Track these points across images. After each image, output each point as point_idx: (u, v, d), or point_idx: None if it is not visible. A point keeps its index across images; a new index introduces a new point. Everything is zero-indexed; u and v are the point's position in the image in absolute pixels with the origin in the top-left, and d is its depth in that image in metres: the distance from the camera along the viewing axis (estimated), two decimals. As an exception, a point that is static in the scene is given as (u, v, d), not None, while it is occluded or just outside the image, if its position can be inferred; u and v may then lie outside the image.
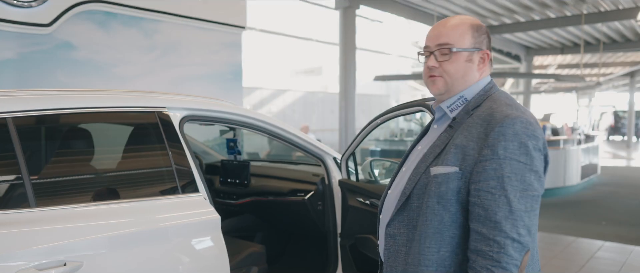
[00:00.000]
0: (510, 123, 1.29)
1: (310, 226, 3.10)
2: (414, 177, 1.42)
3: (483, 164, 1.28)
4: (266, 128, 2.72)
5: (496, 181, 1.26)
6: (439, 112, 1.51)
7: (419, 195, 1.39)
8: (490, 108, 1.37)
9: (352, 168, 2.93)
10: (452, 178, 1.32)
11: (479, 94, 1.45)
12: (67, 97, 2.09)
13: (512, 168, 1.26)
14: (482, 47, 1.46)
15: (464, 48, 1.43)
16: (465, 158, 1.32)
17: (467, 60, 1.44)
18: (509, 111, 1.33)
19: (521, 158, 1.27)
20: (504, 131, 1.28)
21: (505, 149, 1.27)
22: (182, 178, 2.21)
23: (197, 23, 5.52)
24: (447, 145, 1.38)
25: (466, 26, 1.45)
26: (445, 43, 1.43)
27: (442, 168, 1.34)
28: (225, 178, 3.41)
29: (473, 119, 1.38)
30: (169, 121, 2.27)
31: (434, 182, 1.35)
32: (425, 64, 1.48)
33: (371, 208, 2.56)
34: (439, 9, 10.54)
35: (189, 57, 5.52)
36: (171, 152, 2.20)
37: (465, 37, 1.44)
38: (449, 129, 1.42)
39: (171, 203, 2.13)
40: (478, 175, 1.29)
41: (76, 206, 1.89)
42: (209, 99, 2.62)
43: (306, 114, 12.45)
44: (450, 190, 1.32)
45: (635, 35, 13.43)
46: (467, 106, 1.44)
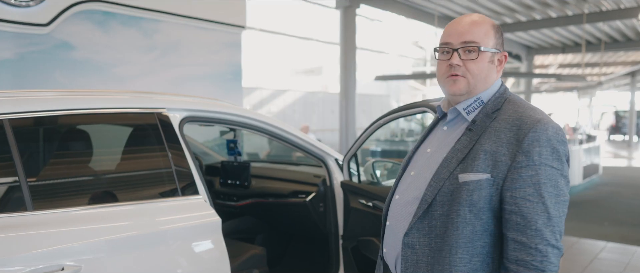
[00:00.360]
0: (543, 128, 1.27)
1: (312, 228, 3.06)
2: (435, 183, 1.36)
3: (518, 170, 1.25)
4: (267, 129, 2.69)
5: (533, 188, 1.23)
6: (452, 113, 1.46)
7: (443, 202, 1.34)
8: (515, 111, 1.34)
9: (354, 170, 2.89)
10: (485, 186, 1.28)
11: (495, 97, 1.41)
12: (65, 98, 2.06)
13: (547, 174, 1.24)
14: (501, 49, 1.44)
15: (489, 48, 1.39)
16: (496, 165, 1.28)
17: (490, 61, 1.41)
18: (537, 116, 1.30)
19: (554, 163, 1.25)
20: (538, 137, 1.26)
21: (539, 155, 1.25)
22: (182, 180, 2.17)
23: (197, 23, 5.49)
24: (472, 150, 1.33)
25: (489, 25, 1.41)
26: (471, 41, 1.38)
27: (474, 175, 1.29)
28: (226, 179, 3.37)
29: (499, 123, 1.34)
30: (168, 122, 2.23)
31: (464, 190, 1.30)
32: (445, 61, 1.42)
33: (374, 210, 2.53)
34: (440, 9, 10.51)
35: (188, 57, 5.49)
36: (171, 154, 2.17)
37: (489, 37, 1.40)
38: (469, 133, 1.38)
39: (171, 205, 2.10)
40: (513, 182, 1.26)
41: (74, 209, 1.85)
42: (209, 100, 2.59)
43: (306, 114, 12.42)
44: (483, 197, 1.28)
45: (636, 34, 13.39)
46: (485, 109, 1.40)
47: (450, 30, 1.42)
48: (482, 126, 1.36)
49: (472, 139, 1.35)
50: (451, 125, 1.47)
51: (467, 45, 1.37)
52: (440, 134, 1.49)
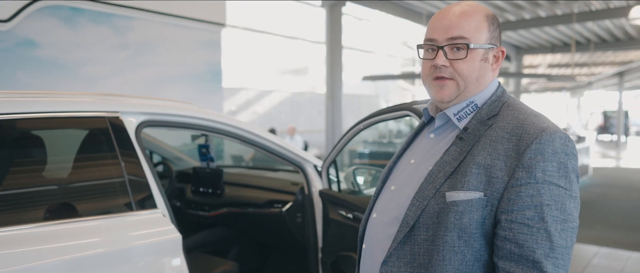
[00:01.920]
0: (548, 138, 1.04)
1: (289, 240, 2.83)
2: (418, 202, 1.13)
3: (517, 189, 1.03)
4: (237, 134, 2.46)
5: (534, 211, 1.01)
6: (440, 119, 1.23)
7: (427, 225, 1.11)
8: (515, 118, 1.11)
9: (334, 176, 2.67)
10: (477, 207, 1.06)
11: (491, 100, 1.19)
12: (3, 101, 1.81)
13: (552, 195, 1.02)
14: (497, 44, 1.20)
15: (481, 44, 1.16)
16: (491, 181, 1.06)
17: (483, 59, 1.17)
18: (542, 123, 1.08)
19: (561, 181, 1.03)
20: (543, 149, 1.03)
21: (543, 171, 1.02)
22: (137, 193, 1.93)
23: (173, 20, 5.23)
24: (463, 163, 1.11)
25: (481, 16, 1.17)
26: (459, 36, 1.15)
27: (464, 194, 1.07)
28: (197, 187, 3.13)
29: (495, 131, 1.11)
30: (121, 127, 1.99)
31: (453, 211, 1.07)
32: (430, 61, 1.19)
33: (354, 223, 2.30)
34: (428, 7, 10.32)
35: (164, 57, 5.22)
36: (124, 163, 1.93)
37: (481, 30, 1.16)
38: (460, 143, 1.15)
39: (123, 222, 1.86)
40: (511, 203, 1.03)
41: (6, 229, 1.61)
42: (172, 103, 2.35)
43: (293, 115, 12.18)
44: (474, 221, 1.06)
45: (625, 34, 13.35)
46: (479, 114, 1.17)
47: (435, 23, 1.19)
48: (475, 135, 1.14)
49: (463, 150, 1.13)
50: (439, 132, 1.24)
51: (455, 41, 1.15)
52: (426, 142, 1.26)
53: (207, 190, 3.07)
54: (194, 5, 5.37)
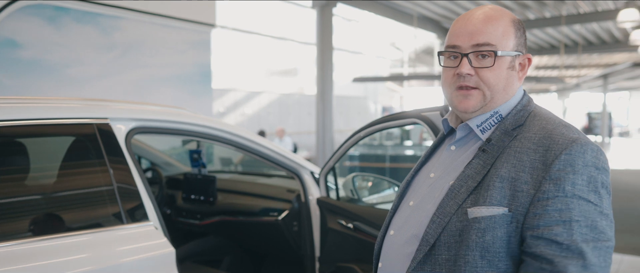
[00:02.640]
0: (579, 150, 0.97)
1: (285, 249, 2.74)
2: (439, 219, 1.05)
3: (544, 203, 0.95)
4: (232, 140, 2.36)
5: (563, 228, 0.93)
6: (462, 131, 1.15)
7: (449, 244, 1.03)
8: (543, 128, 1.04)
9: (331, 183, 2.58)
10: (500, 223, 0.98)
11: (516, 110, 1.11)
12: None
13: (581, 210, 0.94)
14: (523, 50, 1.13)
15: (508, 52, 1.08)
16: (515, 196, 0.98)
17: (510, 67, 1.10)
18: (572, 134, 1.00)
19: (591, 197, 0.95)
20: (573, 161, 0.96)
21: (573, 184, 0.95)
22: (128, 205, 1.82)
23: (162, 20, 5.09)
24: (487, 177, 1.03)
25: (508, 21, 1.10)
26: (486, 43, 1.07)
27: (486, 209, 0.99)
28: (188, 194, 3.01)
29: (521, 142, 1.04)
30: (111, 134, 1.88)
31: (475, 228, 1.00)
32: (452, 69, 1.11)
33: (355, 232, 2.21)
34: (418, 9, 10.30)
35: (153, 58, 5.08)
36: (114, 174, 1.81)
37: (509, 37, 1.09)
38: (483, 155, 1.07)
39: (113, 236, 1.74)
40: (538, 218, 0.95)
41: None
42: (164, 108, 2.23)
43: (282, 116, 12.06)
44: (498, 238, 0.98)
45: (611, 37, 13.49)
46: (503, 125, 1.09)
47: (459, 29, 1.11)
48: (499, 146, 1.06)
49: (487, 163, 1.05)
50: (460, 144, 1.16)
51: (481, 49, 1.07)
52: (447, 155, 1.18)
53: (199, 197, 2.96)
54: (183, 5, 5.24)
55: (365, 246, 2.15)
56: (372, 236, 2.10)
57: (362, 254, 2.19)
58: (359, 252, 2.21)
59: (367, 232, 2.13)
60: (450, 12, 10.81)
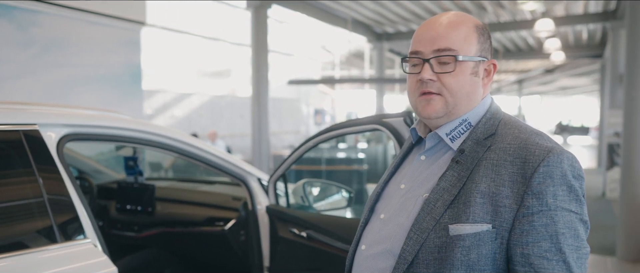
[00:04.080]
0: (556, 160, 0.96)
1: (232, 260, 2.61)
2: (416, 236, 1.02)
3: (529, 218, 0.95)
4: (175, 146, 2.21)
5: (550, 242, 0.94)
6: (431, 140, 1.12)
7: (428, 261, 1.00)
8: (516, 137, 1.02)
9: (281, 191, 2.49)
10: (485, 240, 0.96)
11: (486, 118, 1.09)
12: None
13: (565, 221, 0.95)
14: (487, 56, 1.11)
15: (470, 57, 1.06)
16: (498, 211, 0.97)
17: (473, 73, 1.08)
18: (546, 143, 1.00)
19: (572, 206, 0.96)
20: (551, 172, 0.95)
21: (554, 196, 0.95)
22: (62, 222, 1.63)
23: (86, 16, 4.73)
24: (463, 190, 1.00)
25: (471, 27, 1.08)
26: (446, 48, 1.05)
27: (470, 227, 0.97)
28: (123, 204, 2.79)
29: (496, 154, 1.02)
30: (40, 142, 1.67)
31: (458, 246, 0.97)
32: (415, 75, 1.09)
33: (308, 241, 2.14)
34: (352, 14, 10.44)
35: (77, 56, 4.70)
36: (44, 187, 1.61)
37: (471, 42, 1.07)
38: (457, 166, 1.04)
39: (45, 258, 1.54)
40: (524, 234, 0.95)
41: None
42: (99, 113, 2.04)
43: (214, 118, 11.71)
44: (483, 256, 0.96)
45: (526, 45, 14.50)
46: (474, 134, 1.07)
47: (420, 34, 1.09)
48: (473, 157, 1.04)
49: (462, 175, 1.02)
50: (430, 154, 1.13)
51: (442, 54, 1.05)
52: (417, 165, 1.14)
53: (136, 207, 2.75)
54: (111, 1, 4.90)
55: (320, 255, 2.09)
56: (327, 245, 2.05)
57: (317, 263, 2.12)
58: (314, 261, 2.14)
59: (322, 241, 2.07)
60: (380, 16, 11.06)
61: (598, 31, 12.69)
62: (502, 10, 10.19)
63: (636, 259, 5.32)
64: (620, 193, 5.53)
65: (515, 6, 9.42)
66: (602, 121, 13.10)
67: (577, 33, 13.04)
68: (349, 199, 2.51)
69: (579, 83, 23.99)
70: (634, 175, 5.32)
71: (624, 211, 5.43)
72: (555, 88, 26.89)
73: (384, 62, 12.91)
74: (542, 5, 9.02)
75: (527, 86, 23.97)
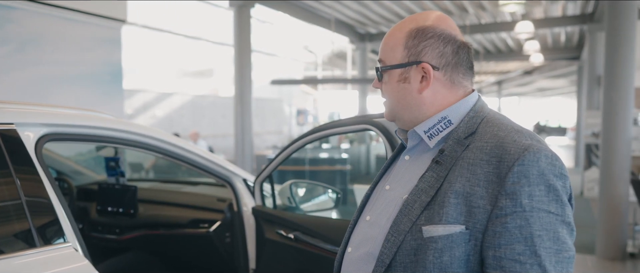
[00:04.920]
0: (532, 158, 0.92)
1: (218, 263, 2.56)
2: (394, 238, 0.99)
3: (502, 220, 0.91)
4: (159, 147, 2.16)
5: (524, 245, 0.89)
6: (412, 138, 1.10)
7: (405, 264, 0.97)
8: (494, 135, 0.98)
9: (267, 192, 2.45)
10: (458, 242, 0.93)
11: (469, 116, 1.05)
12: None
13: (542, 223, 0.90)
14: (416, 58, 1.05)
15: (392, 65, 1.08)
16: (472, 212, 0.93)
17: (400, 80, 1.07)
18: (524, 141, 0.95)
19: (551, 207, 0.91)
20: (526, 171, 0.91)
21: (530, 197, 0.90)
22: (41, 225, 1.56)
23: (64, 13, 4.60)
24: (440, 191, 0.97)
25: (404, 32, 1.06)
26: (379, 60, 1.11)
27: (442, 228, 0.94)
28: (104, 206, 2.72)
29: (473, 152, 0.98)
30: (18, 142, 1.61)
31: (431, 249, 0.94)
32: None
33: (296, 243, 2.11)
34: (335, 14, 10.44)
35: (54, 54, 4.58)
36: (23, 187, 1.55)
37: (396, 49, 1.07)
38: (436, 167, 1.01)
39: (22, 263, 1.48)
40: (497, 237, 0.91)
41: None
42: (79, 112, 1.97)
43: (195, 119, 11.57)
44: (456, 259, 0.93)
45: (506, 47, 14.70)
46: (456, 133, 1.03)
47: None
48: (451, 157, 1.00)
49: (440, 176, 0.99)
50: (413, 153, 1.11)
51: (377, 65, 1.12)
52: (401, 165, 1.12)
53: (117, 209, 2.68)
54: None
55: (308, 257, 2.06)
56: (314, 247, 2.02)
57: (305, 265, 2.09)
58: (301, 263, 2.11)
59: (309, 243, 2.04)
60: (363, 17, 11.08)
61: (575, 34, 12.93)
62: (483, 12, 10.31)
63: (615, 257, 5.42)
64: (600, 193, 5.62)
65: (495, 8, 9.52)
66: (579, 121, 13.35)
67: (555, 35, 13.28)
68: (336, 200, 2.49)
69: (556, 85, 24.45)
70: (612, 175, 5.42)
71: (603, 210, 5.52)
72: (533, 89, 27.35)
73: (366, 63, 12.94)
74: (522, 8, 9.14)
75: (506, 87, 24.32)
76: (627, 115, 5.39)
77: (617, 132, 5.38)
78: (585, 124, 9.88)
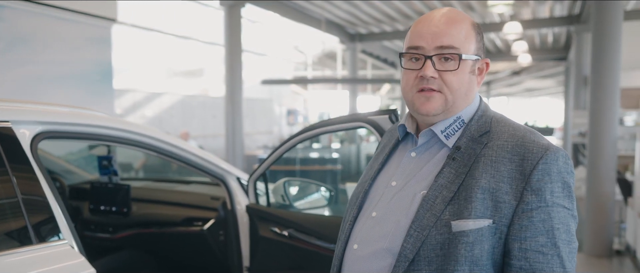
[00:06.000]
0: (553, 158, 1.00)
1: (211, 261, 2.57)
2: (417, 233, 1.02)
3: (528, 214, 0.97)
4: (154, 146, 2.16)
5: (547, 237, 0.97)
6: (425, 136, 1.12)
7: (430, 258, 1.00)
8: (512, 136, 1.05)
9: (260, 190, 2.47)
10: (487, 235, 0.98)
11: (477, 115, 1.11)
12: None
13: (560, 217, 0.98)
14: (482, 55, 1.13)
15: (470, 55, 1.08)
16: (498, 207, 0.99)
17: (471, 71, 1.10)
18: (541, 141, 1.03)
19: (566, 202, 1.00)
20: (549, 169, 0.99)
21: (552, 193, 0.98)
22: (37, 222, 1.57)
23: (54, 12, 4.57)
24: (463, 187, 1.02)
25: (469, 25, 1.09)
26: (449, 46, 1.06)
27: (472, 223, 0.98)
28: (97, 205, 2.71)
29: (494, 151, 1.03)
30: (14, 140, 1.61)
31: (462, 242, 0.98)
32: (415, 71, 1.09)
33: (290, 240, 2.13)
34: (326, 14, 10.46)
35: (44, 53, 4.55)
36: (18, 183, 1.55)
37: (471, 41, 1.09)
38: (454, 163, 1.05)
39: (19, 260, 1.48)
40: (523, 230, 0.97)
41: None
42: (75, 110, 1.98)
43: (185, 119, 11.53)
44: (485, 251, 0.98)
45: (494, 47, 14.84)
46: (468, 131, 1.09)
47: (421, 29, 1.09)
48: (469, 155, 1.05)
49: (460, 172, 1.03)
50: (421, 151, 1.14)
51: (445, 51, 1.06)
52: (408, 162, 1.14)
53: (110, 208, 2.68)
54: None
55: (302, 254, 2.08)
56: (309, 244, 2.04)
57: (299, 262, 2.12)
58: (296, 261, 2.13)
59: (303, 240, 2.06)
60: (354, 18, 11.12)
61: (563, 35, 13.10)
62: (472, 13, 10.40)
63: (602, 254, 5.51)
64: (587, 191, 5.71)
65: (484, 8, 9.62)
66: (566, 121, 13.51)
67: (542, 36, 13.43)
68: (330, 198, 2.51)
69: (544, 85, 24.73)
70: (599, 174, 5.51)
71: (590, 209, 5.61)
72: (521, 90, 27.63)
73: (356, 63, 12.99)
74: (510, 9, 9.24)
75: (495, 87, 24.54)
76: (613, 115, 5.49)
77: (604, 131, 5.48)
78: (573, 124, 10.02)
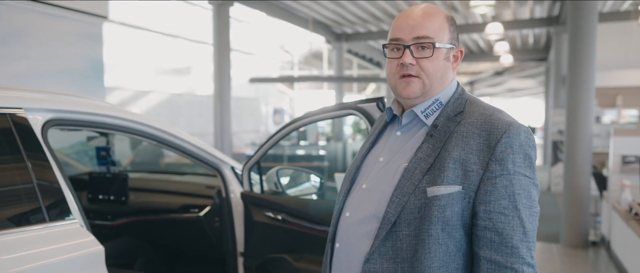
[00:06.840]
0: (515, 132, 1.15)
1: (206, 246, 2.69)
2: (398, 199, 1.18)
3: (492, 181, 1.13)
4: (155, 135, 2.28)
5: (508, 201, 1.12)
6: (408, 117, 1.29)
7: (409, 221, 1.17)
8: (482, 114, 1.21)
9: (254, 179, 2.60)
10: (456, 199, 1.14)
11: (454, 97, 1.28)
12: None
13: (521, 184, 1.14)
14: (456, 44, 1.30)
15: (444, 44, 1.25)
16: (467, 175, 1.15)
17: (446, 58, 1.27)
18: (507, 118, 1.19)
19: (527, 171, 1.15)
20: (511, 142, 1.15)
21: (513, 163, 1.14)
22: (49, 202, 1.69)
23: (46, 8, 4.63)
24: (438, 159, 1.18)
25: (443, 18, 1.27)
26: (424, 36, 1.23)
27: (444, 188, 1.14)
28: (95, 194, 2.81)
29: (465, 127, 1.20)
30: (27, 126, 1.72)
31: (435, 205, 1.14)
32: (396, 59, 1.26)
33: (284, 224, 2.27)
34: (312, 14, 10.60)
35: (36, 49, 4.61)
36: (32, 166, 1.66)
37: (444, 31, 1.25)
38: (431, 139, 1.22)
39: (35, 236, 1.60)
40: (488, 194, 1.13)
41: None
42: (83, 99, 2.08)
43: (172, 117, 11.56)
44: (456, 213, 1.14)
45: (477, 48, 15.14)
46: (445, 111, 1.25)
47: (401, 23, 1.26)
48: (445, 131, 1.22)
49: (436, 147, 1.20)
50: (405, 130, 1.30)
51: (420, 41, 1.23)
52: (394, 140, 1.31)
53: (109, 197, 2.78)
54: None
55: (295, 236, 2.22)
56: (302, 226, 2.18)
57: (293, 244, 2.25)
58: (289, 242, 2.27)
59: (297, 223, 2.20)
60: (340, 17, 11.28)
61: (543, 36, 13.44)
62: (455, 13, 10.64)
63: (578, 245, 5.75)
64: (564, 185, 5.95)
65: (467, 9, 9.86)
66: (547, 121, 13.85)
67: (523, 37, 13.76)
68: (320, 185, 2.65)
69: (526, 85, 25.22)
70: (575, 169, 5.75)
71: (566, 202, 5.85)
72: (504, 90, 28.11)
73: (342, 63, 13.15)
74: (492, 10, 9.49)
75: (478, 87, 24.94)
76: (588, 113, 5.73)
77: (580, 128, 5.71)
78: (552, 122, 10.32)
